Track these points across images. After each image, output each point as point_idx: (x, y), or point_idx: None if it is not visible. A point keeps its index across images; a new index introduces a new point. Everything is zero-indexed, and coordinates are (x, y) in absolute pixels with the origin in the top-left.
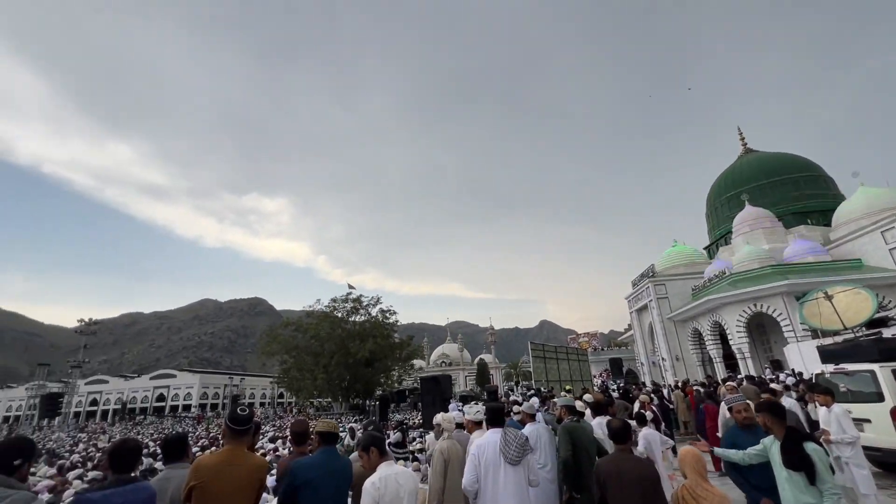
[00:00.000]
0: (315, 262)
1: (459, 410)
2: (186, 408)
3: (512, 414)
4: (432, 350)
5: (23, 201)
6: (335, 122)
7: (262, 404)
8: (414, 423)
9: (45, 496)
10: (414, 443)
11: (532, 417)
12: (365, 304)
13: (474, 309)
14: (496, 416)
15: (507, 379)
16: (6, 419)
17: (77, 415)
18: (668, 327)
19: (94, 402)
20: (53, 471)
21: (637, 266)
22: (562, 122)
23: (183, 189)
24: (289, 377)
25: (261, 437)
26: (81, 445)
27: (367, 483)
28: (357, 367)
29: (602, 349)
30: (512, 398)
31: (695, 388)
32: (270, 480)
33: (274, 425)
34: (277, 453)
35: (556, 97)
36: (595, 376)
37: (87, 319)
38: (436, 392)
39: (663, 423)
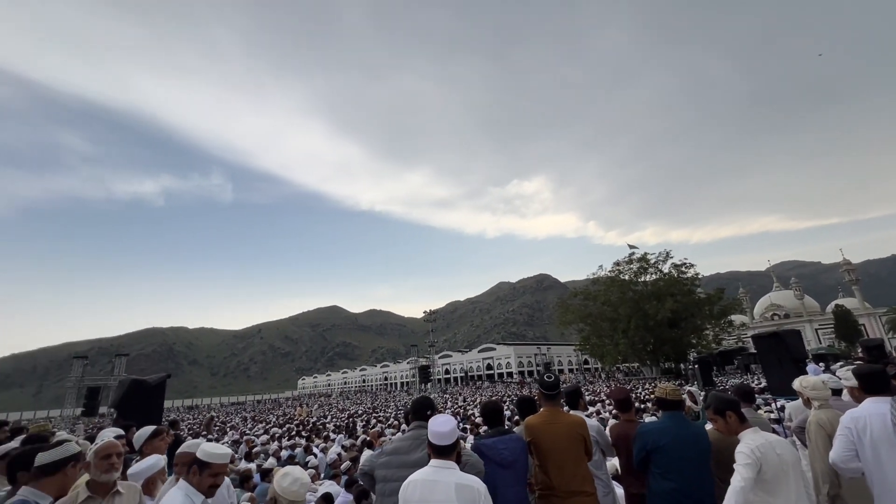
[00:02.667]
0: (585, 229)
1: (832, 373)
2: (509, 374)
3: None
4: (754, 302)
5: (370, 235)
6: (570, 83)
7: (570, 370)
8: (755, 388)
9: None
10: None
11: None
12: (653, 261)
13: (806, 242)
14: (878, 382)
15: (893, 329)
16: (402, 384)
17: (439, 381)
18: None
19: (447, 371)
20: None
21: None
22: None
23: (460, 195)
24: (590, 344)
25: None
26: (449, 403)
27: (743, 447)
28: (660, 328)
29: None
30: None
31: None
32: (601, 438)
33: (587, 390)
34: (601, 416)
35: None
36: None
37: (428, 310)
38: (780, 351)
39: None
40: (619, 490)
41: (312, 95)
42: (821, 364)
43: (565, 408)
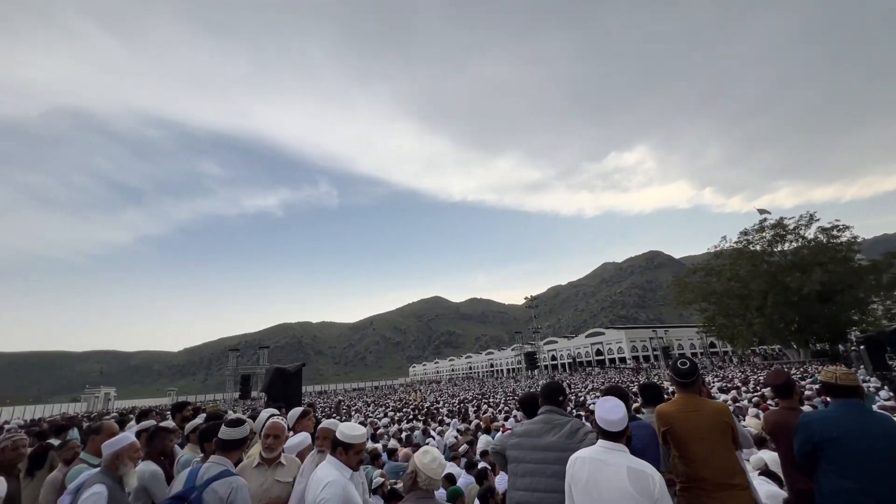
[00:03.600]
0: (700, 197)
1: None
2: (622, 360)
3: None
4: None
5: (465, 225)
6: (665, 38)
7: (692, 354)
8: None
9: None
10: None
11: None
12: (792, 227)
13: None
14: None
15: None
16: (507, 371)
17: (545, 367)
18: None
19: (553, 358)
20: None
21: None
22: None
23: (553, 176)
24: (716, 325)
25: (709, 386)
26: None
27: None
28: (806, 304)
29: None
30: None
31: None
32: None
33: (717, 376)
34: (738, 404)
35: None
36: None
37: (529, 297)
38: None
39: None
40: (768, 486)
41: (398, 97)
42: None
43: None
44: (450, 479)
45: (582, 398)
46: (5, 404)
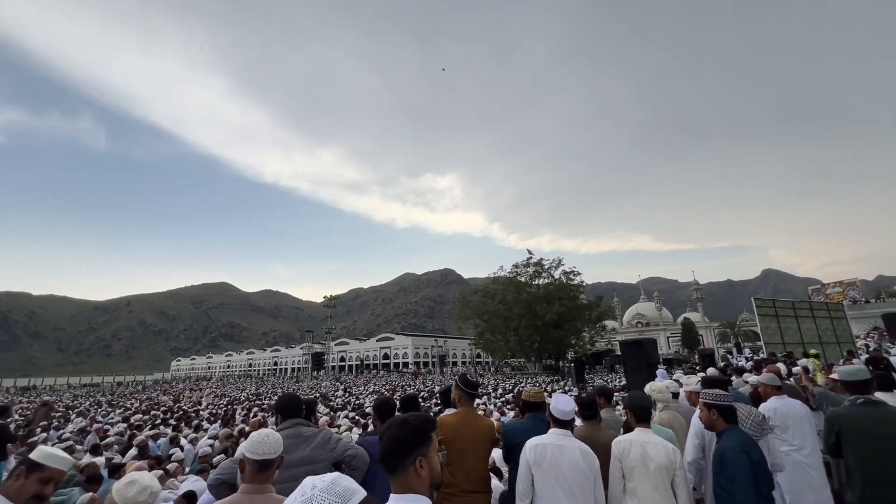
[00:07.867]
0: (490, 230)
1: (675, 380)
2: (405, 364)
3: (733, 383)
4: (624, 310)
5: (272, 211)
6: (494, 87)
7: (463, 363)
8: (614, 386)
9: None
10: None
11: (777, 389)
12: (547, 266)
13: (670, 262)
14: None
15: (721, 340)
16: (293, 370)
17: (333, 368)
18: None
19: (343, 359)
20: (326, 410)
21: None
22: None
23: (372, 180)
24: (484, 339)
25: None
26: (340, 392)
27: (617, 443)
28: (546, 329)
29: (867, 301)
30: (735, 364)
31: None
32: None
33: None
34: (486, 408)
35: None
36: (859, 336)
37: (328, 296)
38: (640, 357)
39: None
40: (495, 481)
41: (219, 47)
42: (668, 369)
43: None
44: (189, 498)
45: (361, 401)
46: None
